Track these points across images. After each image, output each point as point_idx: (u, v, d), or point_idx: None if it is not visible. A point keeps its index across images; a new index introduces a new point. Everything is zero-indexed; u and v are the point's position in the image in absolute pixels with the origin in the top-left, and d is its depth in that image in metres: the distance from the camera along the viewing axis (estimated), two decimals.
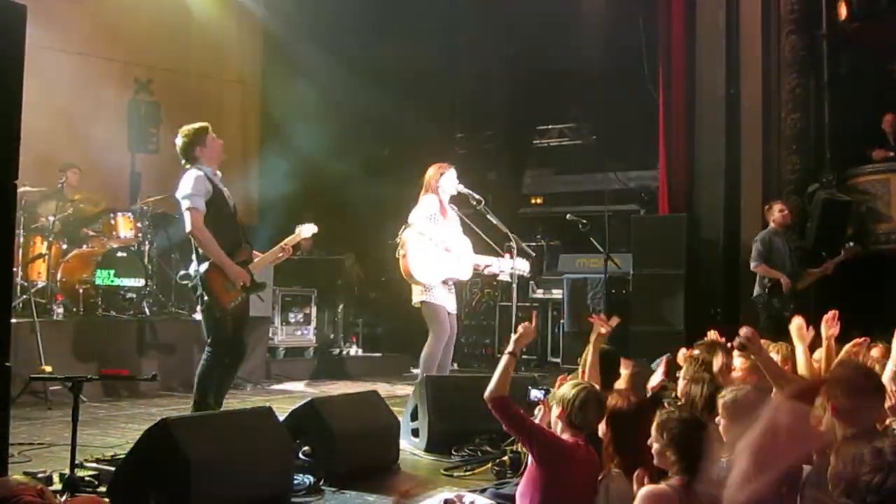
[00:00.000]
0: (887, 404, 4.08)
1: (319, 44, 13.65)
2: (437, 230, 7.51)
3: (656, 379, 5.88)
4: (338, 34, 13.60)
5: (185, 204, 6.24)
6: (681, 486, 3.47)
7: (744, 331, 4.56)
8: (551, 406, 4.23)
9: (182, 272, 8.55)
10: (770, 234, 9.74)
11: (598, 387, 4.53)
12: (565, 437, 4.05)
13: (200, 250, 6.29)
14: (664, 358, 6.14)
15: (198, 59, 13.69)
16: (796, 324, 5.56)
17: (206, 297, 6.29)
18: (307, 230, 7.03)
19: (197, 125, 6.54)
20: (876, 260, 10.64)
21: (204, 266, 6.26)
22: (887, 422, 4.12)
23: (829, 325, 5.51)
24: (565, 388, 4.13)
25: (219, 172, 6.56)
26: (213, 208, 6.32)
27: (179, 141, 6.48)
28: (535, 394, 4.97)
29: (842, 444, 3.19)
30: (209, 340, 6.38)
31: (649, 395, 5.93)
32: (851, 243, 9.86)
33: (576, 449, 4.00)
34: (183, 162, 6.46)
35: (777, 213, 9.84)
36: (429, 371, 7.21)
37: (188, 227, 6.25)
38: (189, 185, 6.26)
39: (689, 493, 3.45)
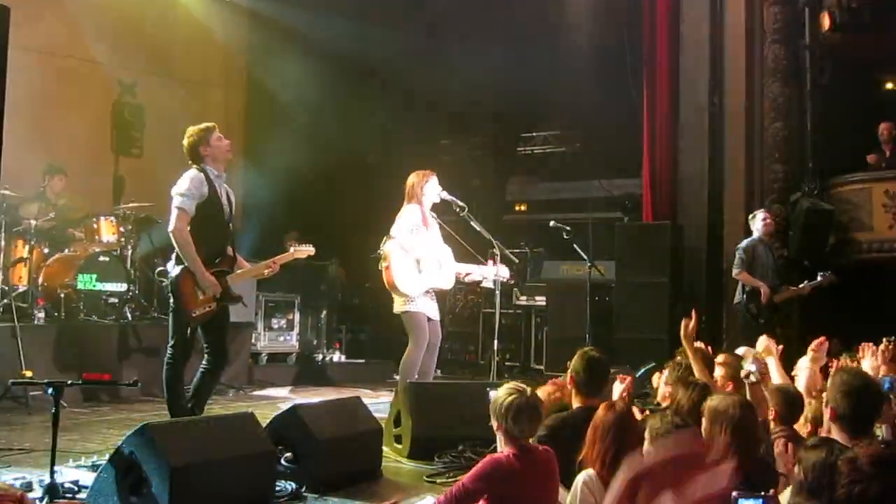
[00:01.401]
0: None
1: (305, 49, 13.64)
2: (419, 241, 7.52)
3: (617, 392, 5.84)
4: (323, 40, 13.58)
5: (174, 201, 6.23)
6: None
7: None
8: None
9: (160, 268, 8.53)
10: (754, 243, 9.78)
11: None
12: (507, 449, 3.96)
13: (176, 250, 6.29)
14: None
15: (183, 63, 13.65)
16: (763, 342, 5.64)
17: (171, 301, 6.30)
18: (303, 251, 7.00)
19: (203, 125, 6.55)
20: (858, 269, 10.69)
21: (177, 269, 6.25)
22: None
23: (817, 351, 5.57)
24: (499, 399, 3.99)
25: (223, 174, 6.54)
26: (204, 212, 6.31)
27: (185, 142, 6.48)
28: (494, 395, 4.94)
29: (803, 453, 3.20)
30: (171, 342, 6.38)
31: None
32: (829, 272, 9.89)
33: (515, 461, 3.90)
34: (189, 162, 6.45)
35: (760, 222, 9.87)
36: (408, 378, 7.20)
37: (170, 226, 6.24)
38: (185, 184, 6.26)
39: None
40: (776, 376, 5.59)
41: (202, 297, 6.28)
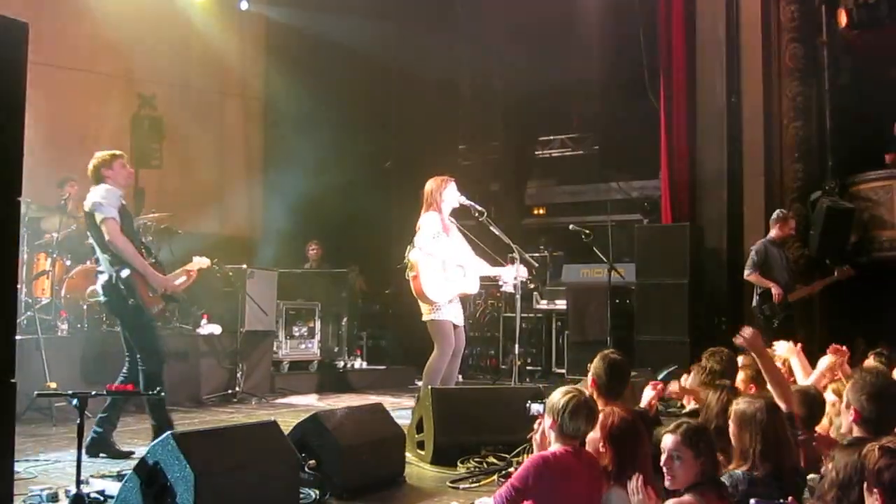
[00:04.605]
0: None
1: (321, 58, 13.70)
2: (443, 249, 7.53)
3: (646, 399, 5.84)
4: (339, 49, 13.64)
5: (99, 216, 6.38)
6: (704, 497, 3.46)
7: (746, 332, 4.59)
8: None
9: (91, 288, 8.62)
10: (767, 244, 9.72)
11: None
12: (557, 447, 4.02)
13: (111, 260, 6.40)
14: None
15: (201, 75, 13.73)
16: (782, 347, 5.62)
17: (131, 301, 6.40)
18: (198, 263, 7.15)
19: (112, 151, 6.74)
20: (879, 267, 10.62)
21: (125, 271, 6.38)
22: None
23: (838, 358, 5.52)
24: (556, 397, 4.08)
25: (124, 202, 6.68)
26: (122, 223, 6.47)
27: (91, 163, 6.64)
28: (536, 408, 4.94)
29: (836, 452, 3.19)
30: (148, 347, 6.53)
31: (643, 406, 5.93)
32: (846, 266, 9.81)
33: (565, 459, 3.95)
34: (94, 184, 6.62)
35: (784, 225, 9.80)
36: (432, 384, 7.21)
37: (107, 237, 6.36)
38: (100, 195, 6.43)
39: None
40: (801, 376, 5.56)
41: (153, 295, 6.50)
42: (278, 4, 14.20)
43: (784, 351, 5.69)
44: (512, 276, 7.88)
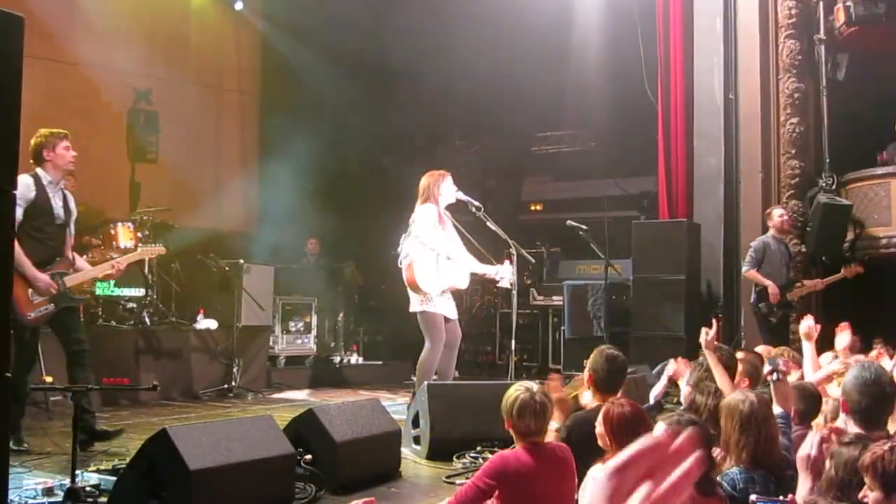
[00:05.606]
0: None
1: (318, 53, 13.68)
2: (439, 240, 7.53)
3: (658, 388, 5.88)
4: (337, 43, 13.63)
5: None
6: (692, 493, 3.45)
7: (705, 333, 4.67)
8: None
9: None
10: (766, 241, 9.70)
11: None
12: (518, 446, 4.04)
13: None
14: (668, 367, 6.13)
15: (197, 69, 13.70)
16: (805, 325, 5.58)
17: None
18: (151, 251, 7.15)
19: (55, 130, 6.54)
20: (876, 264, 10.62)
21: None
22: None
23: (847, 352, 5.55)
24: (509, 394, 4.13)
25: (61, 181, 6.53)
26: (33, 216, 6.33)
27: (32, 141, 6.41)
28: None
29: (837, 449, 3.20)
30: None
31: (651, 403, 5.96)
32: (853, 263, 9.77)
33: (523, 458, 3.97)
34: (31, 162, 6.43)
35: (776, 218, 9.79)
36: (426, 379, 7.21)
37: None
38: None
39: None
40: (809, 364, 5.54)
41: (37, 299, 6.34)
42: (272, 8, 14.19)
43: (803, 329, 5.63)
44: (506, 273, 7.86)
